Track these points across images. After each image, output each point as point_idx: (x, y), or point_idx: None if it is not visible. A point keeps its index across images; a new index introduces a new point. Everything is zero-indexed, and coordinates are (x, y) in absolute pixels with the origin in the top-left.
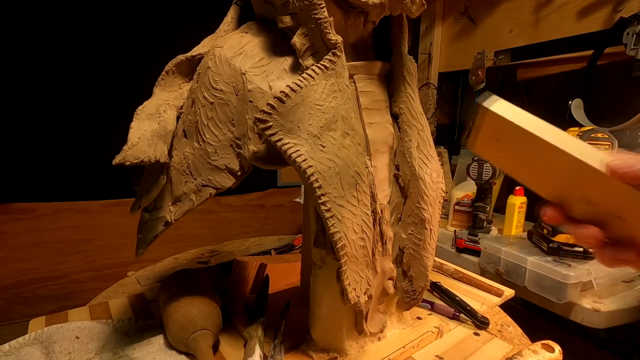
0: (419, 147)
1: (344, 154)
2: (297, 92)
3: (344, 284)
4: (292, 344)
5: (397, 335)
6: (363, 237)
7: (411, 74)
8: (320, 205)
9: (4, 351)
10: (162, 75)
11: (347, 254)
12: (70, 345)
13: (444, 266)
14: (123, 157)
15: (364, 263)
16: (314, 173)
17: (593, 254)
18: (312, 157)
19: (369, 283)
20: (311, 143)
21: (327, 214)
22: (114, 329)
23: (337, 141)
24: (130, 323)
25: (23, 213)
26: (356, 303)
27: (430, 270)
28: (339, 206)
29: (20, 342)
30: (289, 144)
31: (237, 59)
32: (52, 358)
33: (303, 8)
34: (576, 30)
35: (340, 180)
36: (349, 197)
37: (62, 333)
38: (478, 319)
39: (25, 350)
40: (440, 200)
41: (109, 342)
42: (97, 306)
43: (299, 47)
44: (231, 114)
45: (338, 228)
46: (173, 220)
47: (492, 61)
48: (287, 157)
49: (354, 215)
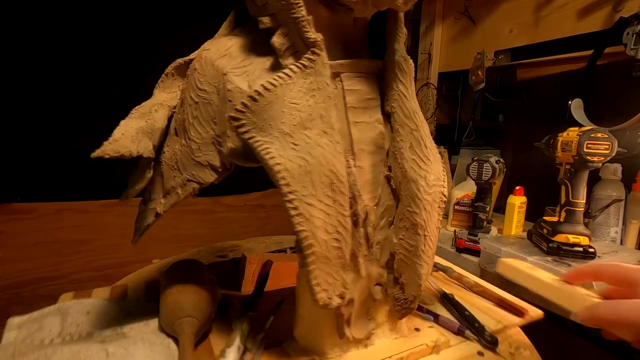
0: (412, 147)
1: (318, 153)
2: (270, 90)
3: (311, 283)
4: (276, 341)
5: (387, 344)
6: (338, 237)
7: (404, 71)
8: (287, 203)
9: (32, 317)
10: (162, 77)
11: (315, 253)
12: (80, 318)
13: (463, 278)
14: (102, 150)
15: (339, 265)
16: (281, 171)
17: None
18: (281, 155)
19: (344, 286)
20: (282, 141)
21: (293, 211)
22: (121, 308)
23: (312, 139)
24: (137, 304)
25: (23, 213)
26: (327, 305)
27: (424, 280)
28: (307, 205)
29: (45, 311)
30: (259, 142)
31: (221, 60)
32: (64, 327)
33: (281, 8)
34: (576, 30)
35: (312, 178)
36: (322, 197)
37: (77, 307)
38: (484, 337)
39: (47, 319)
40: (441, 205)
41: (112, 319)
42: (117, 287)
43: (277, 47)
44: (213, 113)
45: (304, 227)
46: (162, 212)
47: (492, 61)
48: (257, 154)
49: (327, 215)
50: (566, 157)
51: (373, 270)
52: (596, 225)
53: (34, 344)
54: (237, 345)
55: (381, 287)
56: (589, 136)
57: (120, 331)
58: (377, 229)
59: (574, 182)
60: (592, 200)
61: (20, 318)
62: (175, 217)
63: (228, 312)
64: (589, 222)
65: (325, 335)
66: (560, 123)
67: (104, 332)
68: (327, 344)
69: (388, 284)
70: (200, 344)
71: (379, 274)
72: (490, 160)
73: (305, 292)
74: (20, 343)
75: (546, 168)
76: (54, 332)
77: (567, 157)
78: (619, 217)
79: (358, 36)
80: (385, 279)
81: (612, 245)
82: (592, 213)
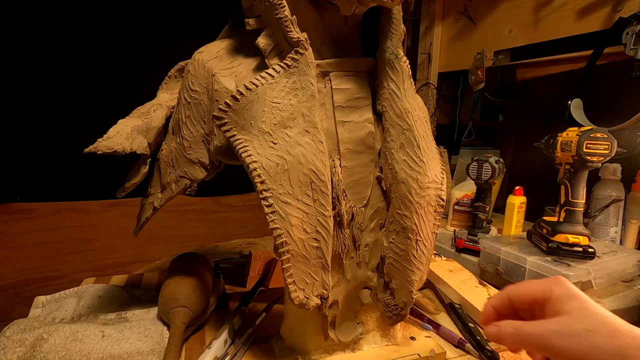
0: (404, 148)
1: (298, 152)
2: (252, 90)
3: (286, 282)
4: (265, 337)
5: (375, 351)
6: (317, 237)
7: (395, 69)
8: (262, 200)
9: (55, 298)
10: (165, 79)
11: (289, 251)
12: (92, 301)
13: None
14: (95, 146)
15: (318, 265)
16: (257, 168)
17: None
18: (259, 153)
19: (324, 287)
20: (261, 139)
21: (268, 209)
22: (131, 295)
23: (292, 138)
24: (146, 293)
25: (23, 213)
26: (304, 304)
27: (416, 286)
28: (283, 203)
29: (67, 293)
30: (239, 140)
31: (212, 62)
32: (78, 307)
33: (266, 9)
34: (576, 30)
35: (289, 177)
36: (300, 195)
37: (91, 291)
38: (485, 352)
39: (67, 300)
40: (437, 209)
41: (120, 304)
42: (134, 276)
43: (262, 47)
44: (203, 113)
45: (279, 225)
46: (159, 206)
47: (492, 61)
48: (236, 152)
49: (306, 214)
50: (566, 157)
51: (360, 273)
52: (596, 225)
53: (46, 321)
54: (224, 338)
55: (370, 291)
56: (588, 136)
57: (124, 316)
58: (365, 230)
59: (573, 182)
60: (592, 200)
61: (45, 297)
62: (175, 217)
63: (227, 306)
64: (588, 222)
65: (310, 335)
66: (560, 123)
67: (109, 316)
68: (311, 344)
69: (378, 288)
70: (195, 334)
71: (367, 277)
72: (490, 160)
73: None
74: (34, 320)
75: (546, 168)
76: (69, 313)
77: (566, 157)
78: (618, 217)
79: (350, 35)
80: (375, 283)
81: (611, 245)
82: (591, 213)
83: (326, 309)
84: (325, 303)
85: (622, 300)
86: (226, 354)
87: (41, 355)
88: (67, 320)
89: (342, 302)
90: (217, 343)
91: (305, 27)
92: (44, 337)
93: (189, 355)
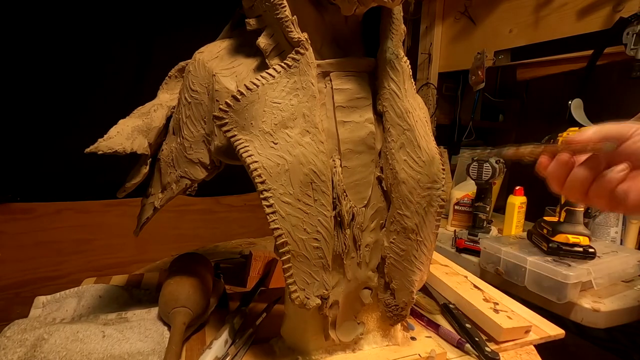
0: (404, 148)
1: (299, 152)
2: (252, 90)
3: (287, 282)
4: (266, 337)
5: (376, 351)
6: (317, 237)
7: (396, 69)
8: (262, 200)
9: (55, 298)
10: (166, 79)
11: (290, 251)
12: (93, 301)
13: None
14: (96, 146)
15: (319, 265)
16: (258, 168)
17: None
18: (259, 153)
19: (325, 287)
20: (262, 140)
21: (268, 209)
22: (132, 295)
23: (293, 138)
24: (147, 293)
25: (23, 213)
26: (305, 304)
27: (417, 286)
28: (284, 203)
29: (67, 293)
30: (240, 140)
31: (212, 62)
32: (78, 307)
33: (266, 9)
34: (576, 30)
35: (290, 177)
36: (301, 196)
37: (92, 291)
38: (484, 353)
39: (67, 300)
40: (438, 210)
41: (120, 304)
42: (134, 276)
43: (263, 48)
44: (204, 113)
45: (279, 225)
46: (159, 206)
47: (492, 61)
48: (237, 152)
49: (307, 215)
50: None
51: (360, 273)
52: (596, 225)
53: (46, 322)
54: (224, 338)
55: (371, 291)
56: None
57: (124, 316)
58: (366, 231)
59: None
60: None
61: (45, 297)
62: (175, 217)
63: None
64: (589, 222)
65: (310, 335)
66: (560, 123)
67: (109, 316)
68: (312, 344)
69: (379, 288)
70: (195, 334)
71: (367, 277)
72: (490, 161)
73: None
74: (35, 320)
75: None
76: (69, 313)
77: None
78: (618, 217)
79: (351, 35)
80: (376, 283)
81: (612, 245)
82: (592, 213)
83: (327, 309)
84: (325, 303)
85: (623, 300)
86: (226, 354)
87: (42, 356)
88: (67, 321)
89: (342, 302)
90: (217, 343)
91: (306, 27)
92: (44, 337)
93: (190, 355)
